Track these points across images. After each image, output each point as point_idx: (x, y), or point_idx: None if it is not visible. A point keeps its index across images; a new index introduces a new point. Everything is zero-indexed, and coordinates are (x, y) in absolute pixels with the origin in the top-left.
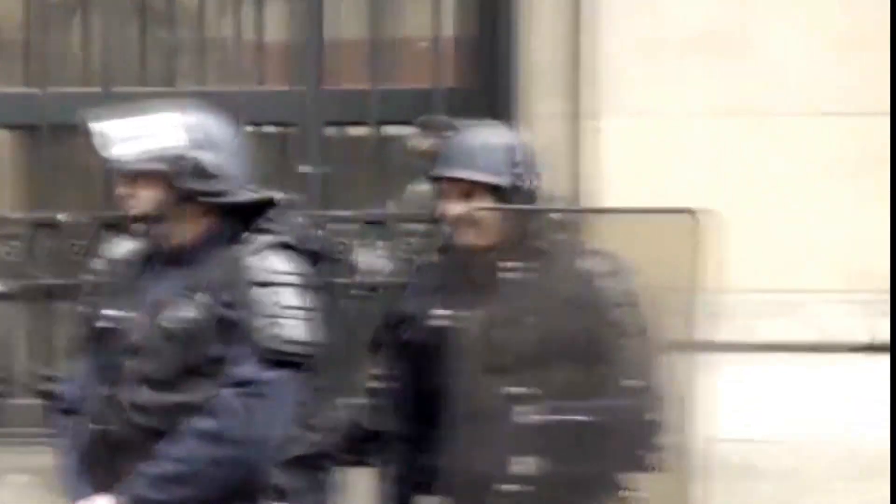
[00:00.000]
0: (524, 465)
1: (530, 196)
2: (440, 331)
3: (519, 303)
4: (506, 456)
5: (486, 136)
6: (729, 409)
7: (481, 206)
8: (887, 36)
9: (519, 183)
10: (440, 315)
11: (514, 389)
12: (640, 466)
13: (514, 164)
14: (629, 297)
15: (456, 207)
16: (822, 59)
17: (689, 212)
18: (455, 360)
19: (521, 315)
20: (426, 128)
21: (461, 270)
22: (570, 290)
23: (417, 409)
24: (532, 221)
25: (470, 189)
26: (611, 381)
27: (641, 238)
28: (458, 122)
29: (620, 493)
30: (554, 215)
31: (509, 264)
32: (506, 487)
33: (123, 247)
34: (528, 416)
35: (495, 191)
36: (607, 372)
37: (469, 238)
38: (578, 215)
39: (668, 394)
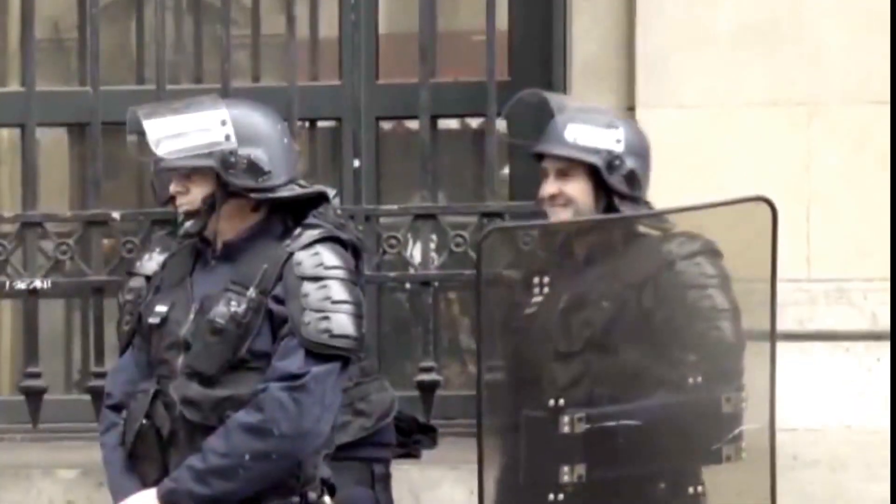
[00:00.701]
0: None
1: (630, 179)
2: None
3: (596, 285)
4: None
5: (586, 117)
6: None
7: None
8: None
9: (617, 163)
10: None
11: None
12: (718, 459)
13: (613, 146)
14: (714, 279)
15: (551, 187)
16: (872, 48)
17: (763, 200)
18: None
19: (597, 297)
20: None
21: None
22: (649, 272)
23: None
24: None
25: (567, 168)
26: (686, 367)
27: (714, 231)
28: (562, 103)
29: (692, 489)
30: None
31: (595, 246)
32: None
33: (174, 244)
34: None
35: (592, 171)
36: (682, 357)
37: (563, 218)
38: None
39: (749, 383)
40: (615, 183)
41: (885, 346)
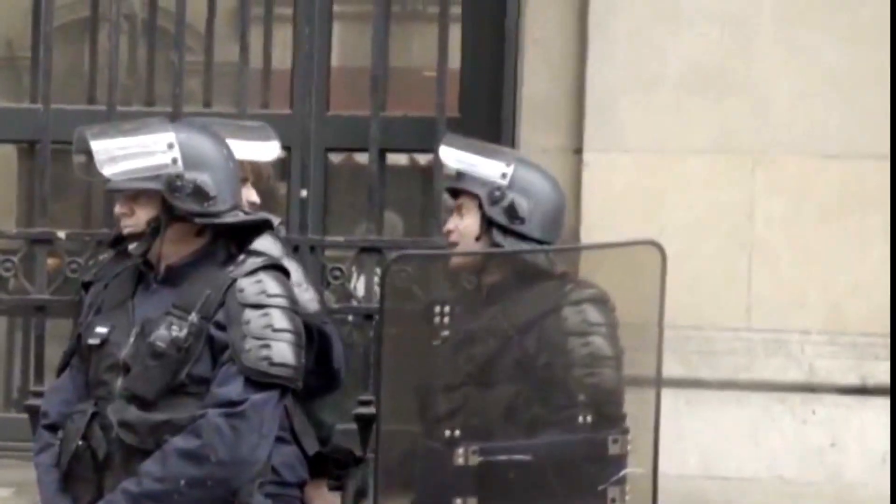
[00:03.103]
0: None
1: (508, 211)
2: None
3: (489, 322)
4: (451, 496)
5: (481, 154)
6: (716, 446)
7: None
8: (887, 77)
9: (495, 196)
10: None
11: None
12: (604, 500)
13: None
14: (598, 327)
15: (451, 222)
16: (819, 100)
17: (653, 244)
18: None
19: (485, 335)
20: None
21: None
22: (535, 315)
23: None
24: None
25: (461, 203)
26: (577, 408)
27: (610, 271)
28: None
29: None
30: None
31: (496, 283)
32: None
33: (117, 265)
34: (473, 456)
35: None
36: (571, 398)
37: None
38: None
39: (634, 428)
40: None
41: (821, 399)
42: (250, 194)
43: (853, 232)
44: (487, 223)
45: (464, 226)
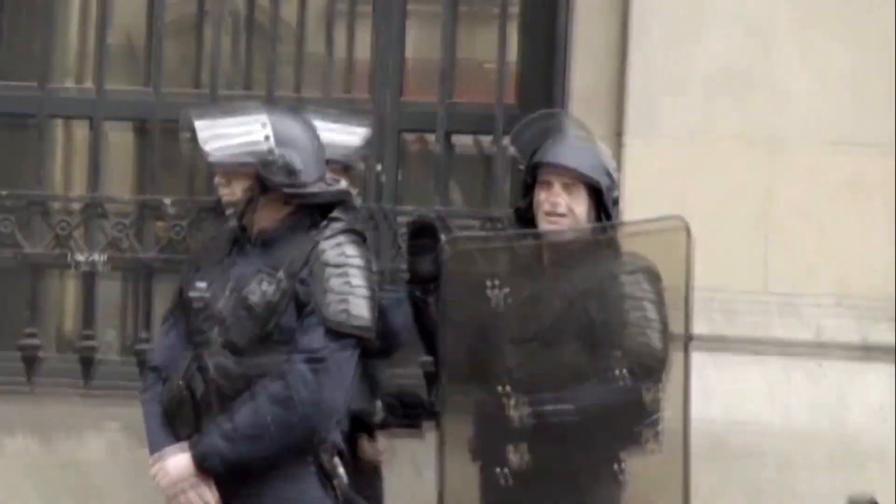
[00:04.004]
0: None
1: (615, 201)
2: None
3: (553, 286)
4: (505, 443)
5: (589, 142)
6: (736, 396)
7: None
8: (892, 75)
9: (611, 187)
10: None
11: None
12: (638, 441)
13: (609, 170)
14: (650, 295)
15: (556, 197)
16: (831, 95)
17: (679, 220)
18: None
19: (551, 297)
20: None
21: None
22: (597, 281)
23: None
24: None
25: (571, 183)
26: (612, 360)
27: (645, 243)
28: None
29: (616, 465)
30: None
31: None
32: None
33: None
34: (523, 407)
35: (593, 190)
36: (610, 352)
37: (557, 227)
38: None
39: (666, 379)
40: (608, 204)
41: (828, 355)
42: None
43: (860, 213)
44: (599, 209)
45: (578, 211)
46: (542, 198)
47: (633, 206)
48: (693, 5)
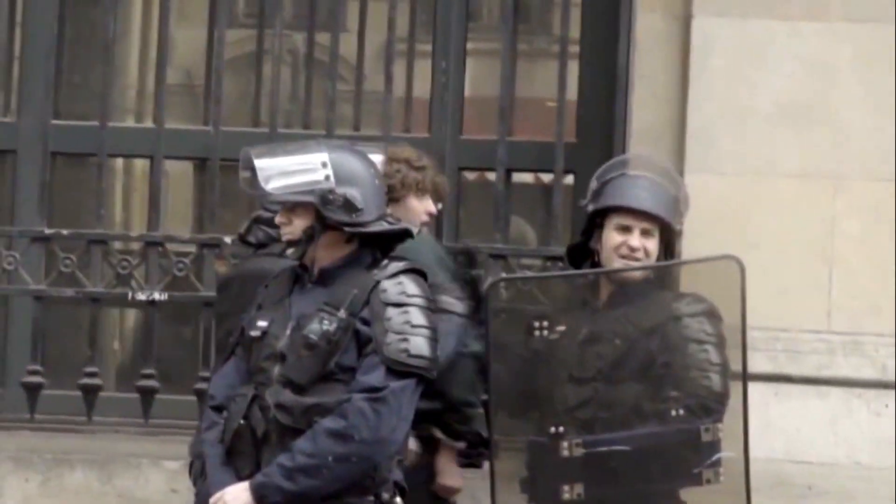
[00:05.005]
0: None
1: (678, 237)
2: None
3: (612, 325)
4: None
5: (663, 181)
6: (800, 434)
7: None
8: None
9: (680, 226)
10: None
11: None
12: (698, 481)
13: (680, 210)
14: (712, 338)
15: (636, 241)
16: (891, 132)
17: (733, 258)
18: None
19: (612, 336)
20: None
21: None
22: (659, 322)
23: None
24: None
25: (651, 228)
26: (671, 401)
27: (698, 281)
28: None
29: None
30: None
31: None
32: None
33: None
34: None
35: (665, 229)
36: (667, 394)
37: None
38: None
39: (727, 416)
40: (675, 242)
41: (893, 395)
42: (430, 206)
43: None
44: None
45: (652, 251)
46: (619, 241)
47: (694, 243)
48: (754, 41)
